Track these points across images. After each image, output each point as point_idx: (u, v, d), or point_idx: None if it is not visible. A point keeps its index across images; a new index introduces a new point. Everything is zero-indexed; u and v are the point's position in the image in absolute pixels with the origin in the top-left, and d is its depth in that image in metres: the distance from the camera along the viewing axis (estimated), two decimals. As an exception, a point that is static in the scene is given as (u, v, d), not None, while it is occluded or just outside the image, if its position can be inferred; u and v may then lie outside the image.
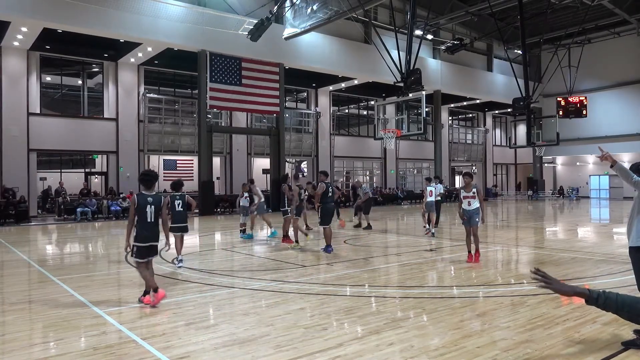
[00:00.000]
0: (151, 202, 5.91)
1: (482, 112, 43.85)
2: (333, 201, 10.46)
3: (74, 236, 15.44)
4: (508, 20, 32.93)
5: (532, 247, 11.32)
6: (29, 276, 8.50)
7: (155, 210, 5.94)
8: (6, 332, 5.01)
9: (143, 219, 5.90)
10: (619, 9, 29.98)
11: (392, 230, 15.21)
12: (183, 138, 27.08)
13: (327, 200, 10.25)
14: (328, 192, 10.26)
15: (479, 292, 6.61)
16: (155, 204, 5.94)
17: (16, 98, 22.08)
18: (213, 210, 24.23)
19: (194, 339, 4.65)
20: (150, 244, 5.95)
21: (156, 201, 5.96)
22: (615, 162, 4.50)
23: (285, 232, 11.81)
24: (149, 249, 5.97)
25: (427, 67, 31.25)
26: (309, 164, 33.97)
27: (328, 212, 10.29)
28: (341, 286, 6.99)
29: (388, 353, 4.21)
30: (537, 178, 42.18)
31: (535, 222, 18.51)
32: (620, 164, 4.52)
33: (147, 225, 5.90)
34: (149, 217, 5.90)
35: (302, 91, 32.98)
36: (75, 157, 27.37)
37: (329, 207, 10.29)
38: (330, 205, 10.34)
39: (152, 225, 5.92)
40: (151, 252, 6.03)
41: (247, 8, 24.17)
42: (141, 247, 5.91)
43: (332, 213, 10.44)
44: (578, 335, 4.65)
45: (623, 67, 37.00)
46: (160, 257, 9.99)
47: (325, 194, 10.22)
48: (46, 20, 19.32)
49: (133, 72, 25.60)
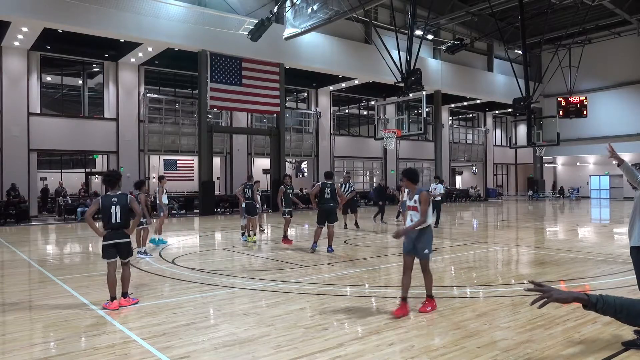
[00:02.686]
0: (116, 202, 5.93)
1: (483, 112, 43.85)
2: (331, 202, 10.23)
3: (75, 236, 15.45)
4: (508, 20, 32.91)
5: (532, 248, 11.31)
6: (30, 276, 8.50)
7: (121, 210, 5.93)
8: (6, 332, 5.01)
9: (108, 220, 5.91)
10: (619, 9, 29.96)
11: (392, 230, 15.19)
12: (183, 138, 27.08)
13: (322, 201, 10.22)
14: (324, 192, 10.20)
15: (480, 292, 6.61)
16: (120, 204, 5.94)
17: (16, 98, 22.09)
18: (213, 210, 24.24)
19: (194, 339, 4.65)
20: (115, 242, 5.92)
21: (121, 201, 5.95)
22: (622, 162, 4.54)
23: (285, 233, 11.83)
24: (115, 247, 5.94)
25: (427, 67, 31.24)
26: (309, 164, 33.98)
27: (321, 213, 10.32)
28: (341, 286, 6.99)
29: (388, 353, 4.21)
30: (538, 178, 42.18)
31: (535, 222, 18.51)
32: (627, 164, 4.55)
33: (112, 226, 5.91)
34: (113, 217, 5.90)
35: (303, 91, 32.99)
36: (76, 157, 27.39)
37: (322, 207, 10.27)
38: (323, 205, 10.24)
39: (117, 225, 5.92)
40: (120, 253, 5.97)
41: (248, 8, 24.17)
42: (106, 245, 5.93)
43: (325, 213, 10.26)
44: (578, 335, 4.65)
45: (623, 67, 36.99)
46: (160, 256, 10.00)
47: (321, 194, 10.22)
48: (46, 20, 19.32)
49: (133, 72, 25.61)
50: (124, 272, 6.03)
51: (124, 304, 5.89)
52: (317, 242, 10.43)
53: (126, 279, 6.02)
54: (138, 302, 6.06)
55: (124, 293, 5.98)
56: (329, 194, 10.19)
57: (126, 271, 6.04)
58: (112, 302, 5.83)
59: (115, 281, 5.94)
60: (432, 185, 16.05)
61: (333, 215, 10.33)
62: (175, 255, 10.30)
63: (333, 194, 10.27)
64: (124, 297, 5.95)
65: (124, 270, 6.03)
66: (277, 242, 12.33)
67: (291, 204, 11.96)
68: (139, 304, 6.01)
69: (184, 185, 28.79)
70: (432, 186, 15.90)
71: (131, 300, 6.00)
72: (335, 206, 10.39)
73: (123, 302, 5.90)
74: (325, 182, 10.35)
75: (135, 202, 6.04)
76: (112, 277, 5.92)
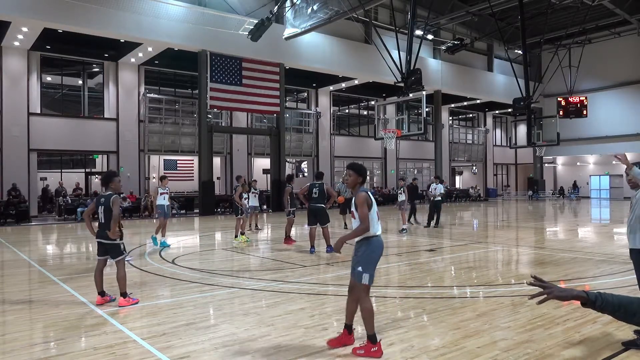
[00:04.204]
0: (102, 202, 6.05)
1: (483, 112, 43.85)
2: (317, 202, 10.24)
3: (75, 236, 15.45)
4: (508, 20, 32.92)
5: (532, 247, 11.31)
6: (30, 276, 8.50)
7: (104, 210, 6.02)
8: (6, 332, 5.01)
9: (98, 219, 6.12)
10: (619, 9, 29.96)
11: (392, 230, 15.20)
12: (183, 138, 27.08)
13: (311, 201, 10.29)
14: (312, 192, 10.27)
15: (480, 292, 6.61)
16: (104, 204, 6.03)
17: (17, 98, 22.09)
18: (213, 210, 24.24)
19: (194, 339, 4.65)
20: (99, 240, 6.09)
21: (106, 201, 6.04)
22: (631, 168, 4.54)
23: (287, 233, 11.82)
24: (100, 246, 6.12)
25: (427, 67, 31.24)
26: (309, 164, 33.98)
27: (308, 213, 10.41)
28: (341, 286, 6.98)
29: (388, 353, 4.21)
30: (538, 178, 42.19)
31: (535, 222, 18.51)
32: (636, 169, 4.56)
33: (99, 225, 6.09)
34: (100, 217, 6.07)
35: (303, 91, 32.99)
36: (76, 157, 27.39)
37: (309, 208, 10.35)
38: (310, 205, 10.32)
39: (102, 225, 6.05)
40: (107, 252, 6.09)
41: (248, 8, 24.17)
42: (97, 242, 6.15)
43: (312, 214, 10.31)
44: (578, 335, 4.65)
45: (623, 67, 36.99)
46: (160, 256, 10.00)
47: (309, 195, 10.32)
48: (46, 20, 19.31)
49: (133, 72, 25.61)
50: (117, 272, 6.03)
51: (124, 304, 5.89)
52: (313, 245, 10.39)
53: (119, 279, 6.00)
54: (138, 302, 6.06)
55: (122, 293, 5.97)
56: (316, 194, 10.23)
57: (119, 271, 6.01)
58: (97, 296, 6.05)
59: (99, 278, 6.08)
60: (432, 185, 16.14)
61: (322, 216, 10.28)
62: (175, 255, 10.30)
63: (321, 194, 10.25)
64: (123, 298, 5.95)
65: (117, 270, 6.03)
66: (277, 242, 12.34)
67: (296, 205, 11.89)
68: (139, 304, 6.01)
69: (184, 185, 28.80)
70: (432, 186, 15.99)
71: (131, 300, 6.00)
72: (322, 207, 10.30)
73: (122, 302, 5.91)
74: (314, 183, 10.40)
75: (116, 203, 6.01)
76: (95, 274, 6.11)
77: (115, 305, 5.91)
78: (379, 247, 4.31)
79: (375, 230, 4.27)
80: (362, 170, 4.45)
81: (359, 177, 4.41)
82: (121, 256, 6.06)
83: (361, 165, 4.52)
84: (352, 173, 4.41)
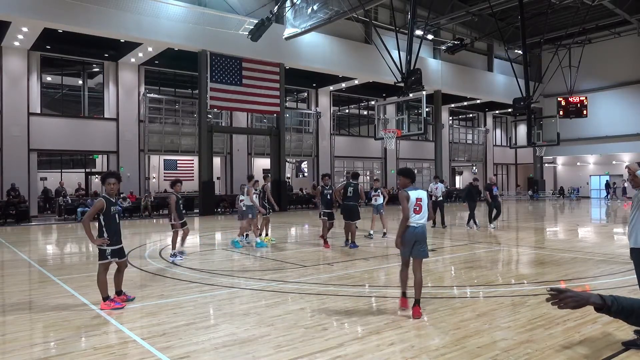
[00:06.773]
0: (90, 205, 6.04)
1: (483, 112, 43.85)
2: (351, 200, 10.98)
3: (75, 236, 15.44)
4: (508, 20, 32.92)
5: (532, 247, 11.31)
6: (30, 276, 8.50)
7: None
8: (6, 332, 5.01)
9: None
10: (619, 9, 29.97)
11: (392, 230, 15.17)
12: (183, 138, 27.08)
13: (346, 200, 11.06)
14: (347, 191, 11.07)
15: (480, 292, 6.61)
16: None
17: (17, 98, 22.10)
18: (213, 210, 24.24)
19: (194, 339, 4.65)
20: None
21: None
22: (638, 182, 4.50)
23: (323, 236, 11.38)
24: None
25: (427, 67, 31.25)
26: (309, 164, 33.99)
27: (342, 210, 11.16)
28: (341, 286, 6.99)
29: (388, 353, 4.21)
30: (538, 178, 42.17)
31: (535, 222, 18.50)
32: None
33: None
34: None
35: (303, 91, 32.99)
36: (76, 157, 27.39)
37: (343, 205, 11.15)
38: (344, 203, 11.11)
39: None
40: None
41: (248, 8, 24.17)
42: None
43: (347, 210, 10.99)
44: (578, 335, 4.65)
45: (623, 67, 37.00)
46: (160, 256, 10.01)
47: (344, 193, 11.14)
48: (46, 20, 19.32)
49: (133, 72, 25.61)
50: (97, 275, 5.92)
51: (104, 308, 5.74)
52: (354, 241, 10.96)
53: (97, 283, 5.87)
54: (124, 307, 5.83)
55: (103, 297, 5.83)
56: (351, 192, 10.99)
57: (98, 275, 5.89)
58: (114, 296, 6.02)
59: (115, 279, 6.12)
60: (431, 185, 16.15)
61: (354, 213, 10.89)
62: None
63: (355, 193, 11.01)
64: (103, 301, 5.81)
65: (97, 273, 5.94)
66: (277, 242, 12.36)
67: (329, 206, 11.37)
68: (139, 304, 6.00)
69: (184, 185, 28.59)
70: (432, 186, 15.99)
71: (113, 304, 5.80)
72: (356, 205, 11.00)
73: (103, 306, 5.77)
74: (350, 182, 11.16)
75: (92, 208, 5.99)
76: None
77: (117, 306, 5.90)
78: (409, 234, 5.43)
79: (412, 220, 5.39)
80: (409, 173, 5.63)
81: (406, 179, 5.58)
82: (104, 260, 5.85)
83: (408, 169, 5.70)
84: (401, 177, 5.63)
